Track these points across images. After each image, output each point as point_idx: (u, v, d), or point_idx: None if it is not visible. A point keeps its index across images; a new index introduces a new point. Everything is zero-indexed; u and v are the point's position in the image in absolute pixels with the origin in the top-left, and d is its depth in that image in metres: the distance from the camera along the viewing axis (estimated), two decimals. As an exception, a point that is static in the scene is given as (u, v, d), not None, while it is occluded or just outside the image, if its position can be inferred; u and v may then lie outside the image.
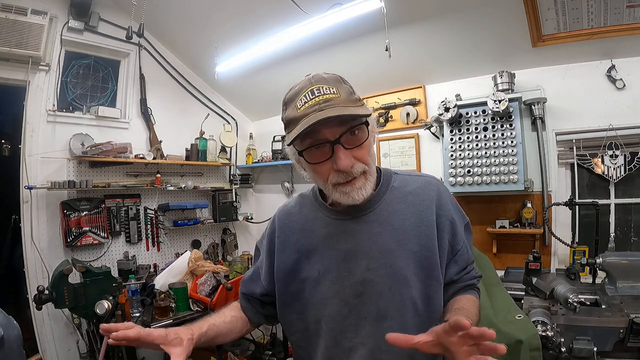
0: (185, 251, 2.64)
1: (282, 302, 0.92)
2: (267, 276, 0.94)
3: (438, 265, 0.82)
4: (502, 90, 2.14)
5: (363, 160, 0.79)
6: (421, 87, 2.65)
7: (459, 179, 2.24)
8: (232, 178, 3.60)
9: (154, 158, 2.91)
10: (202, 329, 0.84)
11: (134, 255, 2.85)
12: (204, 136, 3.28)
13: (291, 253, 0.90)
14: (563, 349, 1.36)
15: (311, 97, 0.75)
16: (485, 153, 2.17)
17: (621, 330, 1.38)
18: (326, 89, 0.77)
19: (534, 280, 1.63)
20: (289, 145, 0.80)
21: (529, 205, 2.20)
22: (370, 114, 0.78)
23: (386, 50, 1.95)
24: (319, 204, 0.92)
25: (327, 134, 0.75)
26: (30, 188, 2.38)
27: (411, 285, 0.80)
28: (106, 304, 1.97)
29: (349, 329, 0.82)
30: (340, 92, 0.77)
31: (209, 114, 3.43)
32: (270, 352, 2.71)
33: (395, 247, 0.82)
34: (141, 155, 2.86)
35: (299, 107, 0.76)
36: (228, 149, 3.52)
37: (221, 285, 2.22)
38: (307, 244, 0.89)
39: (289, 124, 0.79)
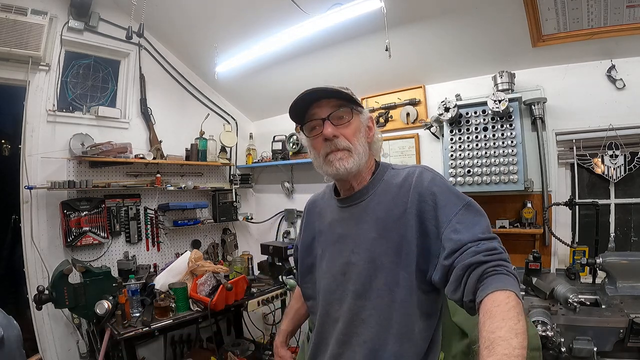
0: (185, 251, 2.64)
1: (301, 273, 1.13)
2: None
3: (412, 253, 0.86)
4: (502, 90, 2.14)
5: (347, 137, 0.94)
6: (421, 87, 2.65)
7: (459, 179, 2.24)
8: (232, 178, 3.60)
9: (154, 158, 2.91)
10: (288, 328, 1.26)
11: (134, 255, 2.85)
12: (204, 136, 3.28)
13: (310, 233, 1.11)
14: (563, 349, 1.36)
15: (309, 89, 0.95)
16: (485, 153, 2.17)
17: (621, 330, 1.38)
18: (325, 85, 0.95)
19: (534, 280, 1.63)
20: (295, 121, 1.01)
21: (529, 205, 2.20)
22: (357, 101, 0.97)
23: (386, 50, 1.95)
24: (333, 193, 1.08)
25: (319, 112, 0.95)
26: (30, 188, 2.38)
27: (387, 271, 0.88)
28: (106, 304, 1.97)
29: (335, 302, 0.96)
30: (334, 86, 0.95)
31: (209, 114, 3.43)
32: (270, 352, 2.71)
33: (376, 235, 0.91)
34: (141, 155, 2.86)
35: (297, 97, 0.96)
36: (228, 149, 3.52)
37: (221, 285, 2.22)
38: (319, 226, 1.08)
39: (290, 111, 0.99)
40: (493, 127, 2.16)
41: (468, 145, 2.23)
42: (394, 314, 0.87)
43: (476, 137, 2.21)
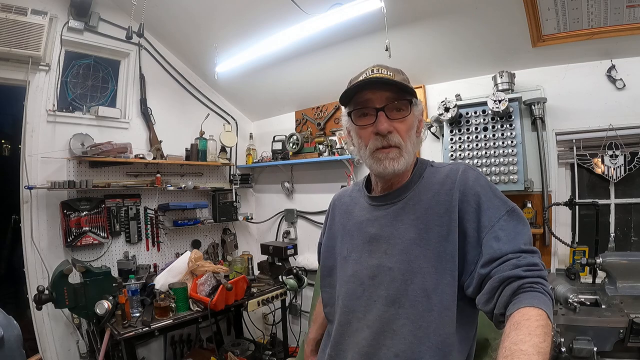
0: (185, 251, 2.64)
1: (322, 274, 1.04)
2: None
3: (454, 258, 0.79)
4: (502, 90, 2.14)
5: (401, 133, 0.86)
6: (421, 87, 2.64)
7: (459, 179, 2.24)
8: (232, 178, 3.60)
9: (154, 158, 2.91)
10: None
11: (134, 255, 2.85)
12: (204, 136, 3.28)
13: (335, 231, 1.03)
14: (563, 349, 1.36)
15: (370, 74, 0.88)
16: (485, 153, 2.17)
17: (621, 330, 1.38)
18: (385, 70, 0.89)
19: (534, 280, 1.63)
20: (344, 106, 0.94)
21: (529, 205, 2.20)
22: (416, 97, 0.89)
23: (386, 50, 1.95)
24: (363, 189, 1.01)
25: (375, 101, 0.86)
26: (30, 188, 2.38)
27: (425, 276, 0.80)
28: (106, 304, 1.97)
29: (359, 309, 0.87)
30: (395, 77, 0.88)
31: (209, 114, 3.43)
32: (270, 352, 2.72)
33: (415, 235, 0.83)
34: (141, 155, 2.86)
35: (359, 79, 0.89)
36: (228, 149, 3.52)
37: (221, 285, 2.22)
38: (345, 225, 0.99)
39: (345, 93, 0.90)
40: (493, 127, 2.16)
41: (468, 145, 2.23)
42: (431, 325, 0.78)
43: (476, 137, 2.21)
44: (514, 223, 0.77)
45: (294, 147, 3.14)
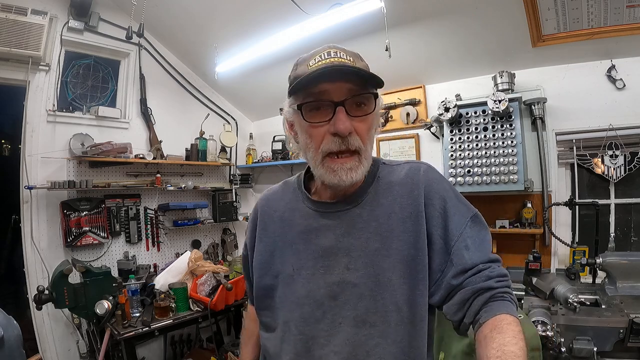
0: (185, 251, 2.64)
1: (256, 296, 0.85)
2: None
3: (425, 266, 0.73)
4: (502, 90, 2.14)
5: (362, 135, 0.72)
6: (421, 87, 2.65)
7: (459, 179, 2.24)
8: (232, 178, 3.60)
9: (154, 158, 2.91)
10: None
11: (134, 255, 2.85)
12: (204, 136, 3.28)
13: (268, 244, 0.84)
14: (563, 349, 1.36)
15: (326, 57, 0.72)
16: (485, 153, 2.17)
17: (621, 330, 1.38)
18: (343, 54, 0.73)
19: (534, 280, 1.63)
20: (289, 97, 0.75)
21: (529, 205, 2.20)
22: (382, 86, 0.74)
23: (386, 50, 1.95)
24: (301, 193, 0.84)
25: (333, 94, 0.70)
26: (30, 188, 2.38)
27: (396, 289, 0.72)
28: (106, 304, 1.97)
29: (321, 334, 0.73)
30: (356, 62, 0.74)
31: (209, 114, 3.43)
32: (270, 352, 2.71)
33: (380, 245, 0.73)
34: (141, 155, 2.86)
35: (312, 65, 0.72)
36: (228, 149, 3.52)
37: (221, 285, 2.22)
38: (283, 236, 0.82)
39: (295, 80, 0.73)
40: (493, 127, 2.16)
41: (468, 145, 2.23)
42: (405, 338, 0.71)
43: (476, 137, 2.21)
44: (477, 229, 0.74)
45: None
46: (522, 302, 1.61)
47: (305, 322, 0.75)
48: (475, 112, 2.22)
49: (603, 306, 1.56)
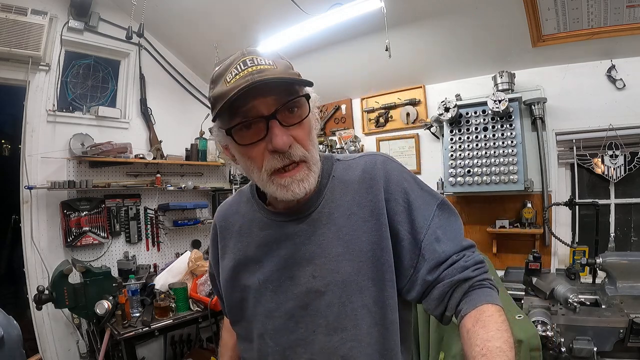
0: (185, 251, 2.64)
1: (228, 311, 0.84)
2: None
3: (391, 265, 0.70)
4: (502, 90, 2.14)
5: (303, 142, 0.67)
6: (421, 87, 2.65)
7: (459, 179, 2.24)
8: (232, 178, 3.60)
9: (154, 158, 2.91)
10: None
11: (134, 255, 2.85)
12: (204, 136, 3.28)
13: (230, 260, 0.80)
14: (563, 349, 1.36)
15: (243, 69, 0.64)
16: (485, 153, 2.17)
17: (621, 330, 1.38)
18: (261, 60, 0.65)
19: (534, 280, 1.63)
20: (214, 121, 0.68)
21: (529, 205, 2.20)
22: (311, 85, 0.67)
23: (386, 50, 1.95)
24: (256, 202, 0.80)
25: (261, 108, 0.63)
26: (30, 188, 2.38)
27: (364, 292, 0.70)
28: (106, 304, 1.97)
29: (299, 344, 0.72)
30: (277, 65, 0.66)
31: (209, 114, 3.43)
32: (270, 352, 2.71)
33: (343, 249, 0.70)
34: (141, 155, 2.86)
35: (229, 80, 0.64)
36: (228, 149, 3.52)
37: (221, 285, 2.22)
38: (244, 250, 0.78)
39: (216, 101, 0.65)
40: (493, 127, 2.16)
41: (468, 145, 2.23)
42: (379, 340, 0.71)
43: (476, 137, 2.21)
44: (446, 216, 0.72)
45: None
46: (522, 302, 1.61)
47: (279, 334, 0.73)
48: (475, 112, 2.22)
49: (603, 306, 1.56)
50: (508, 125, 2.12)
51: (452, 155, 2.28)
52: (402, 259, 0.71)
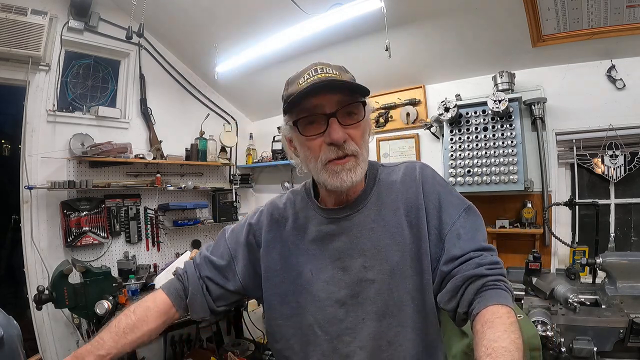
0: (185, 251, 2.63)
1: (269, 305, 0.87)
2: (245, 272, 0.90)
3: (428, 255, 0.78)
4: (502, 90, 2.14)
5: (356, 140, 0.77)
6: (421, 87, 2.65)
7: (459, 179, 2.24)
8: (232, 178, 3.60)
9: (154, 158, 2.91)
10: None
11: (134, 255, 2.85)
12: (204, 136, 3.29)
13: (281, 251, 0.87)
14: (563, 349, 1.36)
15: (314, 75, 0.77)
16: (485, 153, 2.17)
17: (621, 330, 1.37)
18: (329, 69, 0.79)
19: (534, 280, 1.63)
20: (284, 114, 0.81)
21: (529, 205, 2.20)
22: (368, 94, 0.79)
23: (386, 50, 1.95)
24: (310, 201, 0.88)
25: (325, 107, 0.75)
26: (30, 188, 2.38)
27: (407, 279, 0.78)
28: (106, 304, 1.97)
29: (347, 333, 0.79)
30: (342, 76, 0.80)
31: (209, 114, 3.43)
32: (270, 352, 2.71)
33: (390, 241, 0.79)
34: (141, 155, 2.86)
35: (301, 83, 0.77)
36: (228, 149, 3.52)
37: (221, 285, 2.21)
38: (299, 243, 0.86)
39: (289, 98, 0.78)
40: (493, 127, 2.16)
41: (468, 145, 2.23)
42: (425, 327, 0.78)
43: (476, 137, 2.21)
44: (472, 220, 0.78)
45: (294, 147, 3.14)
46: (522, 302, 1.61)
47: (330, 323, 0.80)
48: (475, 112, 2.22)
49: (603, 306, 1.56)
50: (508, 125, 2.12)
51: (452, 155, 2.28)
52: (430, 252, 0.78)
